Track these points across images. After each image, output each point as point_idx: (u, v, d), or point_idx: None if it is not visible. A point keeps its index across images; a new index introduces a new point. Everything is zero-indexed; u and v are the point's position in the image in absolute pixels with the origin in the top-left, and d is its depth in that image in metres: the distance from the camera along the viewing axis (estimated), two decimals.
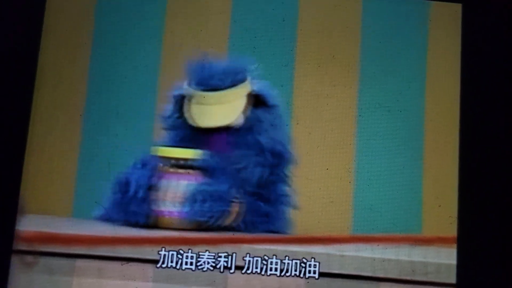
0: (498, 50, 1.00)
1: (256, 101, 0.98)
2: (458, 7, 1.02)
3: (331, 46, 1.01)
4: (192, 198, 0.92)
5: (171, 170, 0.95)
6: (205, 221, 0.92)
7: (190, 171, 0.95)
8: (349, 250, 0.90)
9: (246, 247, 0.90)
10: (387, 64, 1.01)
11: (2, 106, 0.96)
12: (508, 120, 0.98)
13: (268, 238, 0.92)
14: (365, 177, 0.97)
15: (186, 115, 0.98)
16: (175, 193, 0.93)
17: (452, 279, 0.91)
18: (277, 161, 0.97)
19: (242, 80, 0.98)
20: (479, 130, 0.98)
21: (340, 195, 0.97)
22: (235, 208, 0.94)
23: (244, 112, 0.97)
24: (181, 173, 0.94)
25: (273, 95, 0.99)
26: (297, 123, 0.99)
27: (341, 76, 1.01)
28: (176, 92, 0.99)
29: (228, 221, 0.93)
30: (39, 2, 0.99)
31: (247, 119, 0.97)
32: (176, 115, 0.99)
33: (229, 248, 0.90)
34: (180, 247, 0.90)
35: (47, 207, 0.96)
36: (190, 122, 0.97)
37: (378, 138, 0.99)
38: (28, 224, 0.91)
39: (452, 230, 0.94)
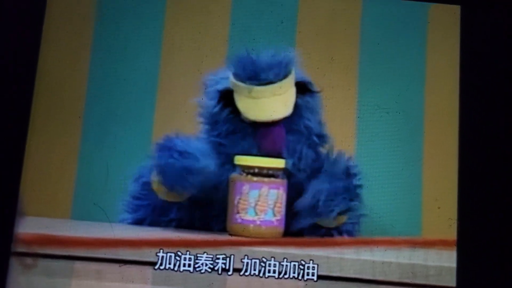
0: (497, 51, 0.99)
1: (302, 88, 0.97)
2: (457, 9, 1.00)
3: (330, 48, 1.01)
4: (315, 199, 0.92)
5: (255, 179, 0.92)
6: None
7: (276, 180, 0.93)
8: (349, 253, 0.89)
9: (244, 249, 0.89)
10: (386, 65, 1.00)
11: (1, 108, 0.95)
12: (508, 121, 0.97)
13: (267, 240, 0.91)
14: (364, 179, 0.96)
15: (240, 109, 0.95)
16: (265, 202, 0.92)
17: (453, 282, 0.90)
18: (321, 142, 0.97)
19: (290, 71, 0.96)
20: (478, 131, 0.97)
21: None
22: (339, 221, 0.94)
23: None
24: (266, 182, 0.92)
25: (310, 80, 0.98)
26: None
27: (340, 78, 1.00)
28: (221, 87, 0.97)
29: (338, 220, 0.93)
30: (39, 5, 0.98)
31: (296, 106, 0.96)
32: (228, 109, 0.96)
33: (227, 250, 0.89)
34: (178, 249, 0.89)
35: (46, 209, 0.95)
36: (245, 116, 0.95)
37: (377, 140, 0.98)
38: (27, 226, 0.90)
39: (451, 233, 0.93)
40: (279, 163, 0.93)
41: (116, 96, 1.00)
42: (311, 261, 0.88)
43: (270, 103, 0.94)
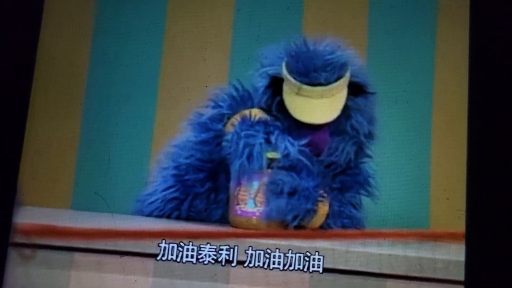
0: (507, 40, 0.96)
1: (356, 89, 0.93)
2: None
3: (337, 36, 0.97)
4: (278, 189, 0.88)
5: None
6: (289, 220, 0.88)
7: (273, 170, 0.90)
8: (355, 245, 0.86)
9: (248, 240, 0.86)
10: (394, 54, 0.98)
11: (1, 94, 0.92)
12: None
13: (271, 232, 0.88)
14: (371, 170, 0.94)
15: (286, 103, 0.92)
16: (259, 192, 0.89)
17: (461, 276, 0.87)
18: (369, 139, 0.94)
19: (346, 69, 0.92)
20: (488, 122, 0.94)
21: None
22: (322, 208, 0.90)
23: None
24: (266, 174, 0.90)
25: (370, 82, 0.94)
26: None
27: None
28: (272, 71, 0.93)
29: (314, 222, 0.89)
30: None
31: (346, 107, 0.92)
32: (276, 99, 0.93)
33: (231, 241, 0.86)
34: (180, 240, 0.86)
35: (45, 199, 0.93)
36: (292, 113, 0.92)
37: (385, 130, 0.95)
38: (25, 216, 0.88)
39: (460, 225, 0.91)
40: (279, 154, 0.90)
41: (117, 82, 0.98)
42: (316, 253, 0.86)
43: (317, 105, 0.91)
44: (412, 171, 0.95)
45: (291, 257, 0.86)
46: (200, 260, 0.86)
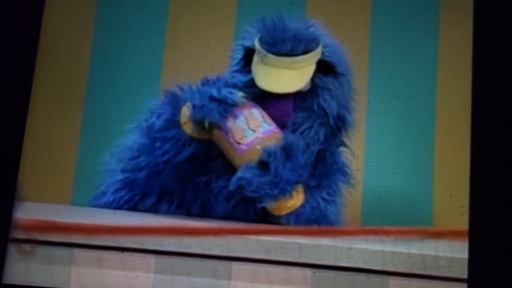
0: (511, 34, 0.94)
1: (326, 68, 0.92)
2: None
3: (340, 31, 0.97)
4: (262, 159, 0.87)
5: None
6: (259, 195, 0.86)
7: (248, 102, 0.90)
8: (358, 242, 0.85)
9: (250, 237, 0.84)
10: (397, 49, 0.97)
11: (1, 91, 0.91)
12: None
13: (275, 229, 0.87)
14: (374, 165, 0.93)
15: (253, 72, 0.92)
16: (253, 119, 0.89)
17: (464, 274, 0.86)
18: (340, 124, 0.92)
19: (315, 46, 0.92)
20: (492, 117, 0.92)
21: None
22: (297, 195, 0.88)
23: (312, 78, 0.92)
24: (243, 106, 0.90)
25: (344, 63, 0.93)
26: None
27: (350, 61, 0.95)
28: (247, 44, 0.93)
29: (284, 206, 0.88)
30: None
31: (314, 84, 0.92)
32: (246, 69, 0.93)
33: (233, 237, 0.84)
34: (182, 237, 0.84)
35: (45, 194, 0.92)
36: (255, 81, 0.91)
37: (388, 126, 0.95)
38: (25, 212, 0.86)
39: (463, 221, 0.89)
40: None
41: (119, 78, 0.97)
42: (319, 251, 0.84)
43: (280, 75, 0.91)
44: (415, 167, 0.94)
45: (294, 254, 0.84)
46: (202, 257, 0.84)
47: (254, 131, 0.88)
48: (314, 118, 0.91)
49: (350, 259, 0.84)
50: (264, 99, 0.91)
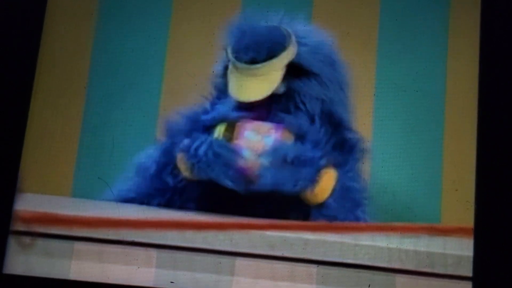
0: None
1: (297, 70, 0.90)
2: None
3: (348, 21, 0.95)
4: (282, 158, 0.85)
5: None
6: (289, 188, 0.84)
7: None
8: (364, 239, 0.82)
9: (254, 232, 0.82)
10: (406, 41, 0.94)
11: (3, 81, 0.88)
12: None
13: (279, 224, 0.84)
14: (380, 158, 0.91)
15: (228, 83, 0.91)
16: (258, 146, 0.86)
17: (470, 272, 0.83)
18: (334, 121, 0.90)
19: (280, 50, 0.89)
20: (499, 111, 0.89)
21: None
22: (326, 178, 0.85)
23: (283, 81, 0.89)
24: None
25: (316, 61, 0.90)
26: None
27: (358, 53, 0.94)
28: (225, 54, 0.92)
29: (317, 193, 0.85)
30: None
31: (288, 87, 0.89)
32: (224, 80, 0.92)
33: (237, 232, 0.82)
34: (185, 231, 0.82)
35: (45, 186, 0.89)
36: (228, 89, 0.90)
37: (395, 119, 0.92)
38: (25, 204, 0.84)
39: (470, 217, 0.86)
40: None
41: (122, 68, 0.95)
42: (325, 247, 0.82)
43: (247, 83, 0.89)
44: (422, 161, 0.91)
45: (298, 250, 0.82)
46: (205, 252, 0.82)
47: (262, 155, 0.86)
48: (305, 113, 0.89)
49: (356, 255, 0.81)
50: (238, 108, 0.90)
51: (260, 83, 0.88)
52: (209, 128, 0.89)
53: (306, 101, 0.89)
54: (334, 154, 0.88)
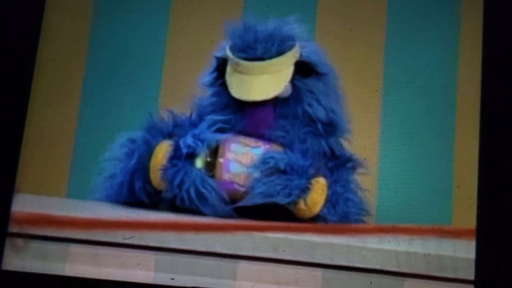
0: None
1: (306, 69, 0.86)
2: None
3: (354, 17, 0.93)
4: (273, 167, 0.81)
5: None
6: (281, 197, 0.81)
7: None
8: (371, 242, 0.79)
9: (256, 234, 0.79)
10: (415, 37, 0.92)
11: (1, 78, 0.86)
12: None
13: (283, 226, 0.80)
14: (389, 157, 0.88)
15: (227, 82, 0.86)
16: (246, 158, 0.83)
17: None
18: (330, 130, 0.86)
19: (289, 48, 0.85)
20: (502, 110, 0.86)
21: (362, 177, 0.87)
22: (318, 186, 0.82)
23: (291, 82, 0.85)
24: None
25: (324, 62, 0.87)
26: None
27: (362, 50, 0.92)
28: (219, 54, 0.88)
29: (311, 203, 0.81)
30: None
31: (296, 88, 0.85)
32: (219, 81, 0.87)
33: (239, 234, 0.79)
34: (184, 233, 0.79)
35: (39, 186, 0.86)
36: (230, 91, 0.86)
37: (404, 117, 0.90)
38: (19, 205, 0.81)
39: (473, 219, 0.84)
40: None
41: (119, 64, 0.93)
42: (330, 250, 0.78)
43: (254, 82, 0.85)
44: (433, 161, 0.89)
45: (303, 253, 0.79)
46: (205, 255, 0.79)
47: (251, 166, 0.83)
48: (298, 127, 0.85)
49: (363, 259, 0.78)
50: (241, 110, 0.86)
51: (270, 81, 0.85)
52: (191, 156, 0.84)
53: (314, 104, 0.86)
54: (322, 163, 0.85)
